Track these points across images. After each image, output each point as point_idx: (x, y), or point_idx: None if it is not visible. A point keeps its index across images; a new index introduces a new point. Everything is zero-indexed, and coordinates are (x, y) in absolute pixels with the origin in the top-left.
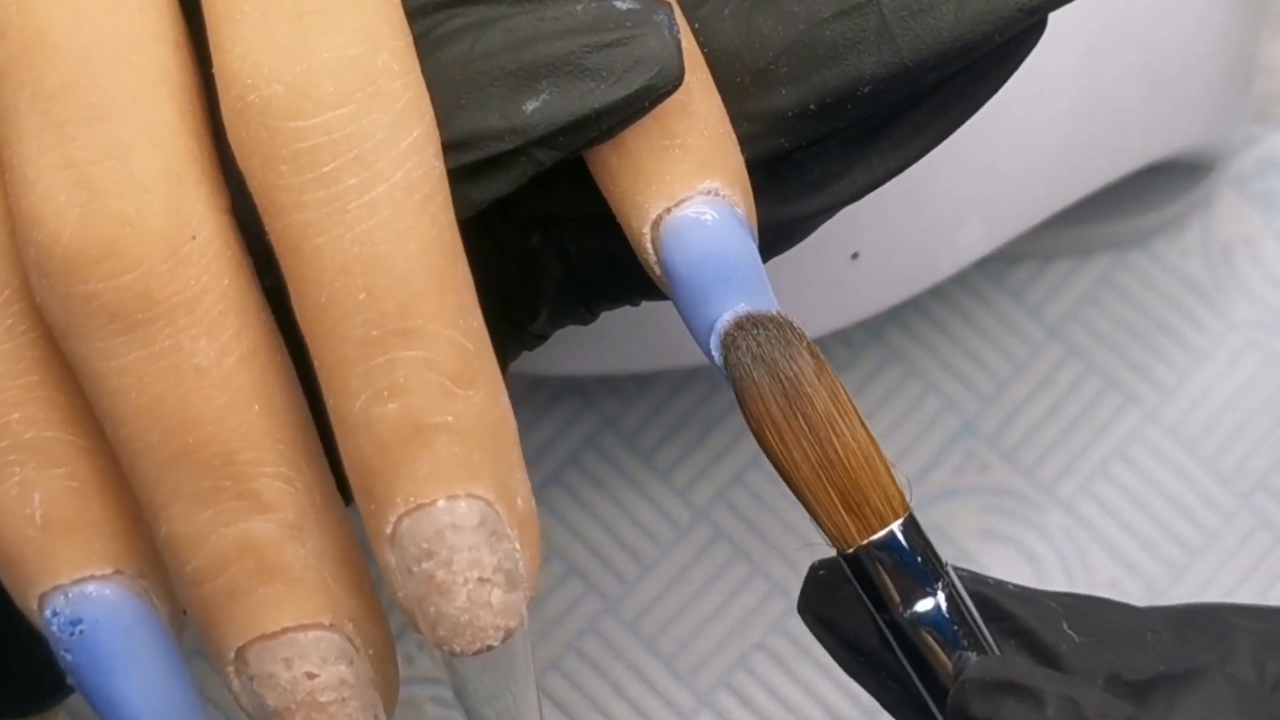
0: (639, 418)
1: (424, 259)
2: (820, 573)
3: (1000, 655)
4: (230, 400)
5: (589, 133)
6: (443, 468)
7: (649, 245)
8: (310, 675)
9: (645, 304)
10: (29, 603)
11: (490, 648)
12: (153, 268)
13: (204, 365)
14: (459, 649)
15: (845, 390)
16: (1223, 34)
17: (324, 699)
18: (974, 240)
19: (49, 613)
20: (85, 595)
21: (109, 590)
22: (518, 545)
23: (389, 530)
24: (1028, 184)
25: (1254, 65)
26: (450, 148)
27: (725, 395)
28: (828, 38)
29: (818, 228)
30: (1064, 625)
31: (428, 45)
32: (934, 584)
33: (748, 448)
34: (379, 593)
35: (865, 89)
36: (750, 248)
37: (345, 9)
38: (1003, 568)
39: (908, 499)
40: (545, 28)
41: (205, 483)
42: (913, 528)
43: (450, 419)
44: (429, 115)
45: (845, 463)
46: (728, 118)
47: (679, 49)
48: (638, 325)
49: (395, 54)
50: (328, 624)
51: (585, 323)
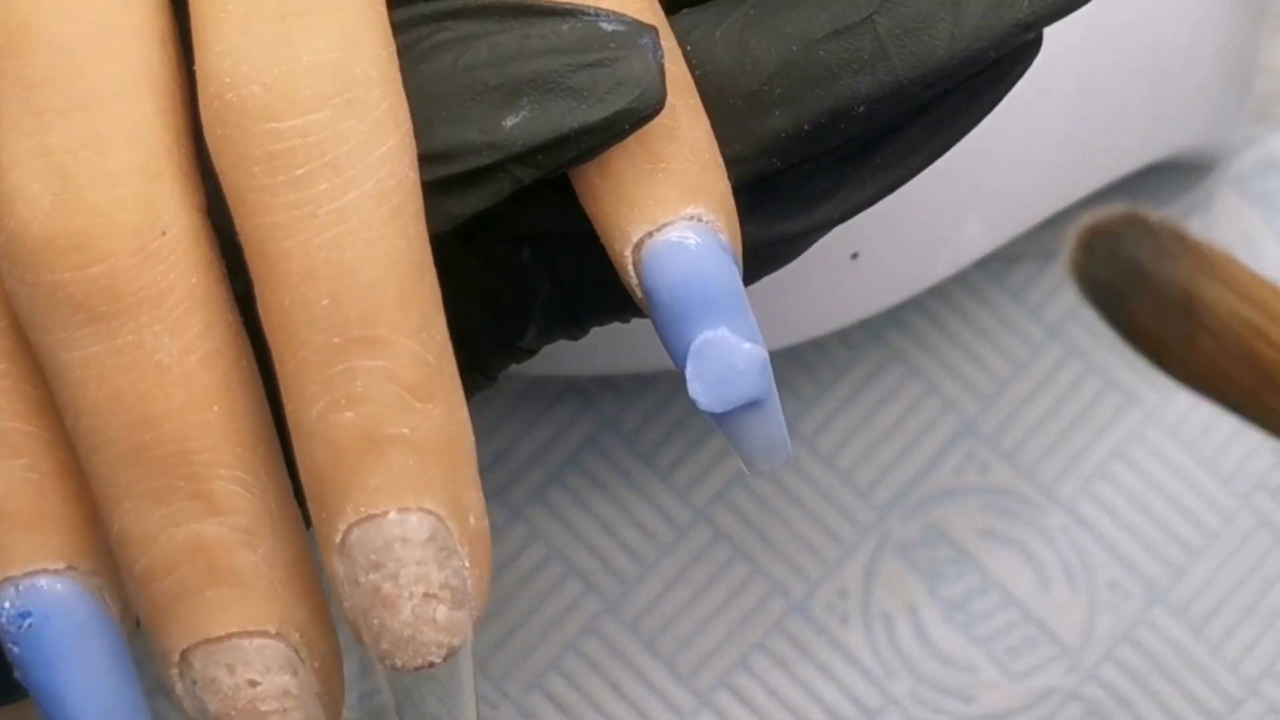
0: (639, 418)
1: (391, 269)
2: None
3: None
4: (190, 399)
5: (568, 152)
6: (395, 480)
7: (630, 268)
8: (252, 683)
9: None
10: None
11: (432, 664)
12: (120, 261)
13: (165, 362)
14: (401, 663)
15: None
16: (1223, 34)
17: (265, 708)
18: (974, 240)
19: None
20: (36, 589)
21: (60, 585)
22: (467, 563)
23: (338, 539)
24: (1028, 184)
25: (1254, 65)
26: (428, 160)
27: None
28: (822, 58)
29: (808, 248)
30: None
31: (412, 57)
32: None
33: None
34: (330, 605)
35: (860, 109)
36: (732, 274)
37: (328, 14)
38: (1003, 568)
39: None
40: (530, 45)
41: (160, 481)
42: None
43: (406, 431)
44: (406, 126)
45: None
46: (715, 142)
47: (661, 73)
48: (638, 326)
49: (375, 62)
50: (274, 632)
51: (575, 338)
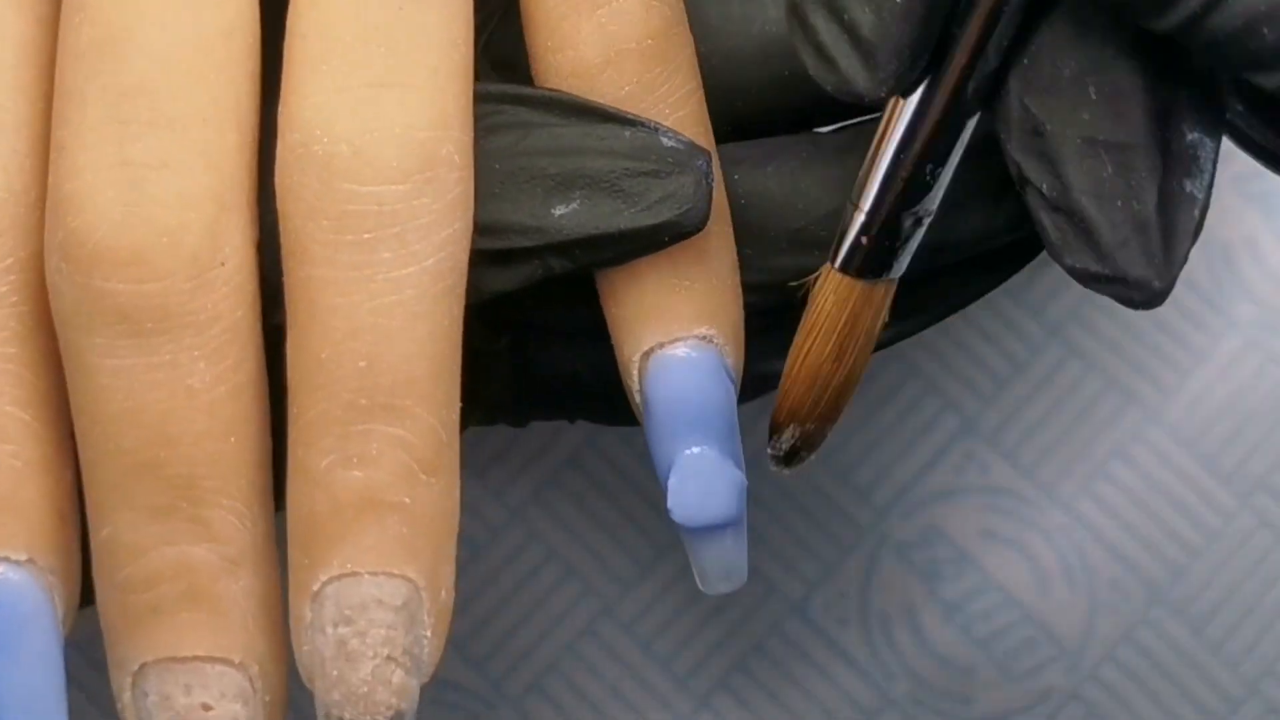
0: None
1: (430, 344)
2: None
3: None
4: (210, 427)
5: (605, 252)
6: (387, 544)
7: (635, 373)
8: (206, 707)
9: None
10: None
11: None
12: (177, 284)
13: (196, 388)
14: (348, 717)
15: None
16: None
17: None
18: None
19: None
20: None
21: (16, 576)
22: (429, 634)
23: (317, 587)
24: None
25: None
26: (473, 231)
27: None
28: None
29: None
30: None
31: (479, 130)
32: None
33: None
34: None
35: None
36: (729, 397)
37: (425, 91)
38: (1003, 568)
39: None
40: (590, 143)
41: (162, 498)
42: None
43: (407, 501)
44: (471, 211)
45: None
46: (738, 271)
47: (709, 195)
48: None
49: (459, 146)
50: (236, 661)
51: (515, 425)
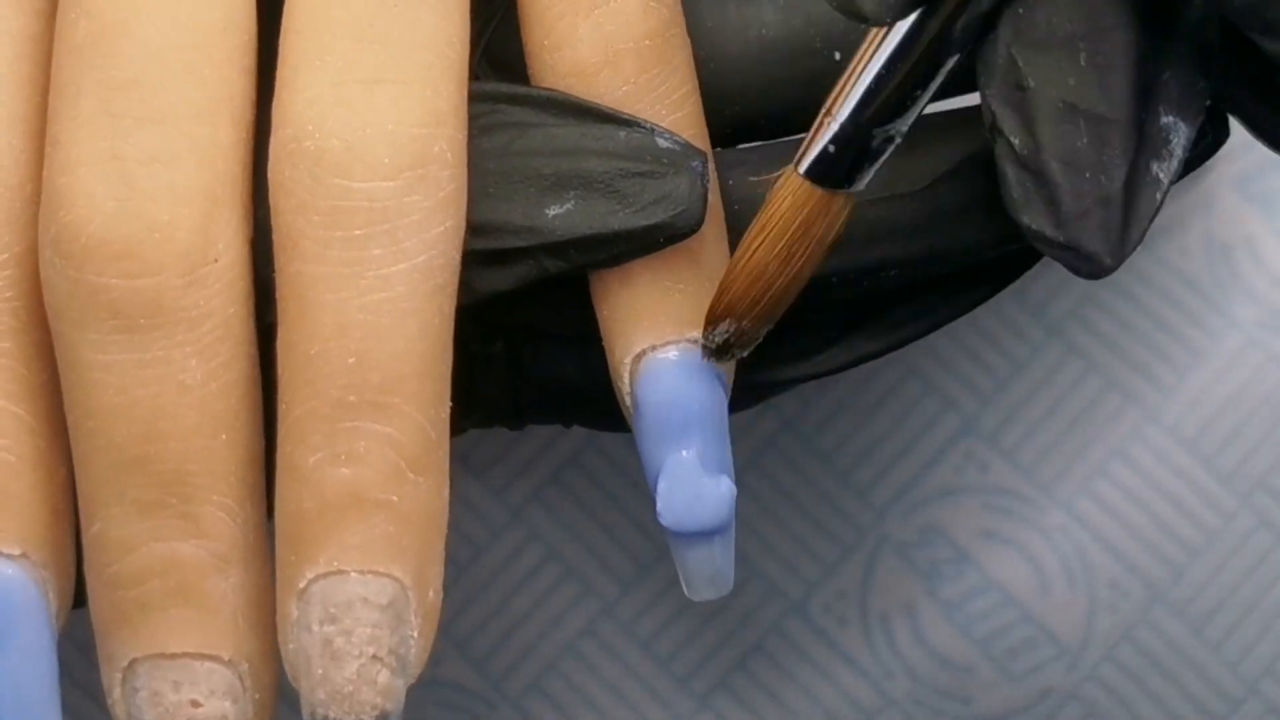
0: None
1: (420, 342)
2: None
3: None
4: (200, 423)
5: (600, 253)
6: (374, 543)
7: (626, 376)
8: (195, 703)
9: None
10: None
11: None
12: (169, 279)
13: (188, 384)
14: (332, 716)
15: None
16: None
17: None
18: None
19: None
20: None
21: (8, 570)
22: (415, 634)
23: (303, 584)
24: None
25: None
26: (467, 231)
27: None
28: (868, 219)
29: (791, 389)
30: None
31: (474, 130)
32: None
33: (743, 450)
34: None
35: (892, 271)
36: (720, 401)
37: (418, 88)
38: (1003, 568)
39: None
40: (586, 144)
41: (152, 494)
42: None
43: (394, 499)
44: (464, 209)
45: None
46: None
47: (704, 197)
48: None
49: (452, 144)
50: (226, 659)
51: (512, 428)
